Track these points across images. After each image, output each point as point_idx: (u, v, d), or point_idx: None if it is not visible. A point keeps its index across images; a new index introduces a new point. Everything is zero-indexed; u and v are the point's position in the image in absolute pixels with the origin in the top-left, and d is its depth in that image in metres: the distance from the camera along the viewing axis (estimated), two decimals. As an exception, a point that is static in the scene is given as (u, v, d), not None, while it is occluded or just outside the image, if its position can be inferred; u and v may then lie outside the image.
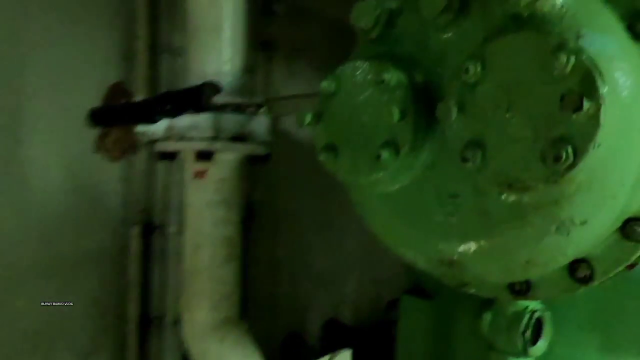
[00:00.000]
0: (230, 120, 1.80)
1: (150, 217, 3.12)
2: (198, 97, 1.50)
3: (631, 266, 1.15)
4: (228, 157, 2.05)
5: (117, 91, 2.29)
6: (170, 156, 2.16)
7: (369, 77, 1.06)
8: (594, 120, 0.85)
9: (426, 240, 1.09)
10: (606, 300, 1.33)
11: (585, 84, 0.86)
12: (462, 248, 1.05)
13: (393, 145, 1.02)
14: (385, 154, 1.01)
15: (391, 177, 1.07)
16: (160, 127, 1.97)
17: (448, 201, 1.04)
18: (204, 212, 2.05)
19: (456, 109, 0.92)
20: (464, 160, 0.93)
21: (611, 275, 1.11)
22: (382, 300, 3.57)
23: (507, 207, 0.98)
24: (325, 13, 3.44)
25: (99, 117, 2.25)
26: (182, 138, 1.99)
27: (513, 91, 0.91)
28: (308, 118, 1.11)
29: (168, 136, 2.03)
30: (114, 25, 2.97)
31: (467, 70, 0.92)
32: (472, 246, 1.04)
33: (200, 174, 1.99)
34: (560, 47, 0.87)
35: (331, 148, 1.11)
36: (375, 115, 1.05)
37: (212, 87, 1.50)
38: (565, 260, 1.05)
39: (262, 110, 1.72)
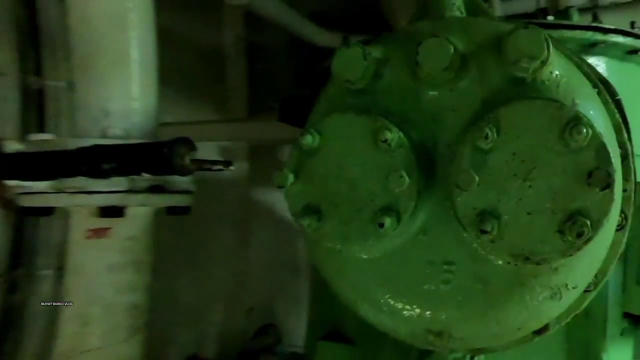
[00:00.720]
0: (146, 168, 1.41)
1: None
2: (167, 157, 1.14)
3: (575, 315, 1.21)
4: (142, 212, 1.62)
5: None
6: (45, 212, 1.66)
7: (364, 134, 0.94)
8: (610, 194, 0.86)
9: (414, 309, 1.01)
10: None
11: (601, 158, 0.86)
12: (456, 317, 0.99)
13: (394, 211, 0.92)
14: (387, 221, 0.91)
15: (384, 243, 0.97)
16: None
17: (442, 269, 0.98)
18: (103, 278, 1.60)
19: (477, 177, 0.86)
20: (483, 232, 0.87)
21: (562, 324, 1.16)
22: (251, 330, 3.41)
23: (507, 275, 0.95)
24: (193, 38, 3.18)
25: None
26: (81, 191, 1.51)
27: (529, 161, 0.88)
28: (290, 178, 0.95)
29: (59, 189, 1.53)
30: None
31: (486, 136, 0.86)
32: (467, 315, 0.98)
33: (99, 233, 1.57)
34: (577, 119, 0.86)
35: (313, 210, 0.96)
36: (371, 177, 0.94)
37: (186, 145, 1.16)
38: (548, 321, 1.06)
39: (231, 167, 1.41)
